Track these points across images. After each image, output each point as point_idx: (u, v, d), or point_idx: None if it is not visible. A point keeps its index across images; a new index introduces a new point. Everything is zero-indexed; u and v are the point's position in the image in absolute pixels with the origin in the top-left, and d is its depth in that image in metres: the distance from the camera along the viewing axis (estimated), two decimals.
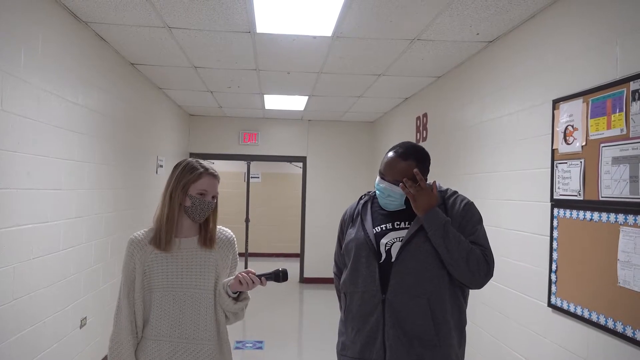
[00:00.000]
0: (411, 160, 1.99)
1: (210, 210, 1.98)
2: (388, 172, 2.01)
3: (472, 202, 2.04)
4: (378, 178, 2.05)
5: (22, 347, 2.90)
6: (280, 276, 1.93)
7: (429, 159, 2.07)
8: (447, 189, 2.08)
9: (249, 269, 1.95)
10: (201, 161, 2.01)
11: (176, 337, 1.91)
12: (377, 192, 2.06)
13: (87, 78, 3.79)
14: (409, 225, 1.99)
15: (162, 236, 1.92)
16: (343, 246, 2.14)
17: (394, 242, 1.98)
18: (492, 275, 1.95)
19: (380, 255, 1.98)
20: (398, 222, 2.02)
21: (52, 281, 3.28)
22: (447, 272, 1.94)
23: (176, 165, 2.00)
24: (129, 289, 1.92)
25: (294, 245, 10.10)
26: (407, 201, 2.01)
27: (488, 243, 1.99)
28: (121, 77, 4.59)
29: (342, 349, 2.08)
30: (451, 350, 1.95)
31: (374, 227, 2.03)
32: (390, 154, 2.04)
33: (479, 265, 1.89)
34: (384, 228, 2.02)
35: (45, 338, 3.19)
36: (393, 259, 1.95)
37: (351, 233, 2.10)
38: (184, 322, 1.91)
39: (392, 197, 2.01)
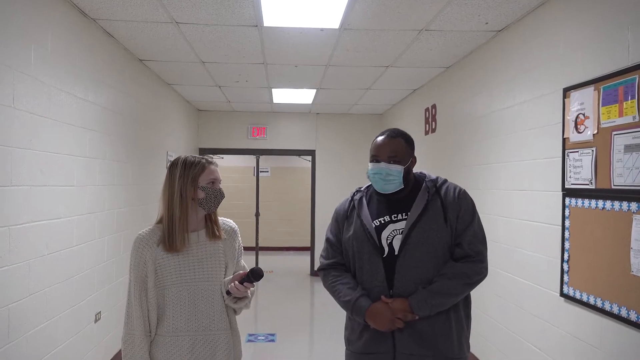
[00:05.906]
0: (400, 138, 2.04)
1: (222, 197, 1.99)
2: (382, 152, 2.01)
3: (465, 190, 2.06)
4: (371, 165, 2.03)
5: (39, 341, 2.94)
6: (250, 277, 1.91)
7: (414, 143, 2.10)
8: (437, 177, 2.08)
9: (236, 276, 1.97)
10: (193, 155, 2.03)
11: (194, 331, 1.92)
12: (373, 178, 2.02)
13: (97, 75, 3.81)
14: (406, 217, 1.98)
15: (176, 237, 1.90)
16: (343, 243, 2.10)
17: (395, 235, 1.97)
18: (487, 273, 2.00)
19: (383, 249, 1.98)
20: (395, 215, 2.01)
21: (67, 276, 3.32)
22: (449, 260, 1.97)
23: (172, 165, 1.98)
24: (140, 289, 1.90)
25: (304, 239, 10.13)
26: (403, 179, 2.01)
27: (481, 235, 2.00)
28: (130, 73, 4.62)
29: (347, 344, 2.11)
30: (462, 334, 1.99)
31: (372, 221, 2.02)
32: (380, 137, 2.06)
33: (474, 282, 1.95)
34: (382, 221, 2.01)
35: (61, 332, 3.24)
36: (396, 252, 1.95)
37: (348, 230, 2.07)
38: (200, 314, 1.93)
39: (392, 175, 1.98)
